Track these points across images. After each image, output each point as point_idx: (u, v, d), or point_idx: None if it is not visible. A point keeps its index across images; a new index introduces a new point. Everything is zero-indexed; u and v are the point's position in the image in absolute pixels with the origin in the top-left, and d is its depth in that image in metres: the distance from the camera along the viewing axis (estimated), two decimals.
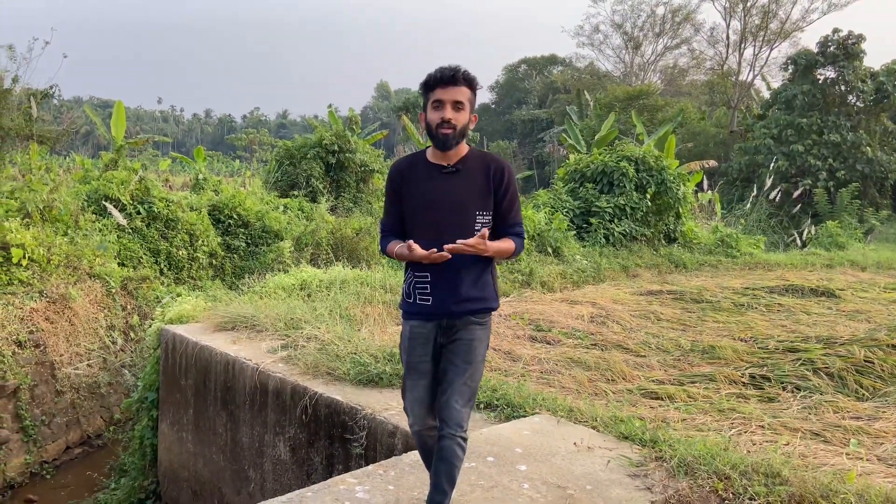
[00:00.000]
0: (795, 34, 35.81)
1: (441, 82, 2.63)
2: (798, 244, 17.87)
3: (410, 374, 2.79)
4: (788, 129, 24.72)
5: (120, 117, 20.70)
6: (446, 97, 2.62)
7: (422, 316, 2.73)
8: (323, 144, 18.46)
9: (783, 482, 3.16)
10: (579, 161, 14.34)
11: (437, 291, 2.68)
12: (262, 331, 6.09)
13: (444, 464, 2.66)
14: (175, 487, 6.34)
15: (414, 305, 2.74)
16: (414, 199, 2.72)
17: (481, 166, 2.73)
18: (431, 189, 2.70)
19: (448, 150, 2.68)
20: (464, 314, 2.70)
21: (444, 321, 2.71)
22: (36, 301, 8.03)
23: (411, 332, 2.77)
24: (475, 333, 2.73)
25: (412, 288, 2.74)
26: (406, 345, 2.80)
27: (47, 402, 7.92)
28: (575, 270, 10.85)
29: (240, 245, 12.89)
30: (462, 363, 2.70)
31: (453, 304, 2.68)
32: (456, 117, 2.63)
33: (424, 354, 2.75)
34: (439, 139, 2.65)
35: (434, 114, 2.64)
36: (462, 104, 2.64)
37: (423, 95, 2.70)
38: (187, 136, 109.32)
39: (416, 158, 2.79)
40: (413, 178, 2.74)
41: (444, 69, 2.65)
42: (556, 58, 62.04)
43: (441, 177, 2.70)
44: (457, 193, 2.69)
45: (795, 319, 8.11)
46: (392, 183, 2.78)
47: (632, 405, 4.92)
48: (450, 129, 2.62)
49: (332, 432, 4.58)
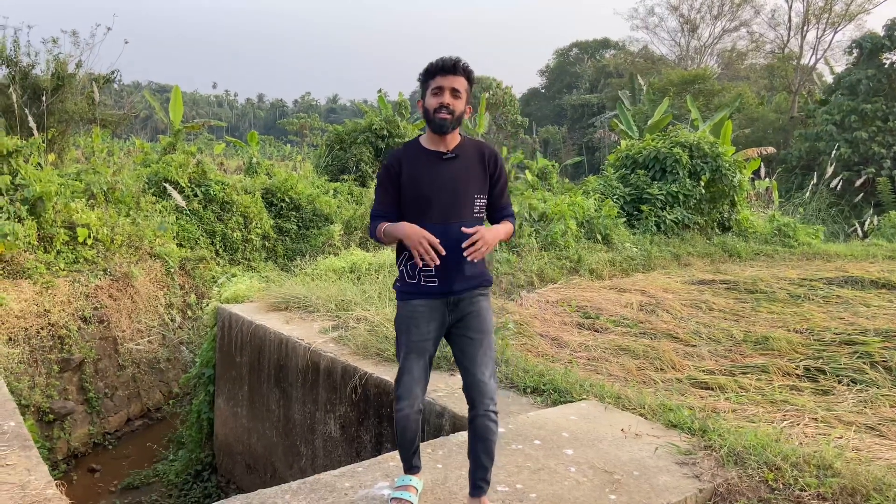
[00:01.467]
0: (861, 16, 34.40)
1: (442, 70, 2.74)
2: (859, 234, 17.27)
3: (410, 355, 2.80)
4: (852, 116, 23.80)
5: (178, 102, 21.26)
6: (446, 84, 2.73)
7: (427, 295, 2.78)
8: (373, 129, 18.63)
9: (835, 474, 3.12)
10: (631, 147, 14.11)
11: (443, 273, 2.74)
12: (313, 311, 6.24)
13: (483, 442, 2.74)
14: (230, 461, 6.58)
15: (418, 286, 2.79)
16: (417, 184, 2.78)
17: (476, 153, 2.85)
18: (435, 174, 2.78)
19: (444, 134, 2.77)
20: (470, 289, 2.81)
21: (452, 298, 2.78)
22: (100, 279, 8.38)
23: (413, 311, 2.79)
24: (482, 304, 2.83)
25: (417, 271, 2.78)
26: (406, 325, 2.81)
27: (110, 375, 8.28)
28: (624, 258, 10.73)
29: (291, 228, 13.16)
30: (477, 334, 2.78)
31: (458, 283, 2.77)
32: (454, 103, 2.73)
33: (427, 333, 2.78)
34: (437, 123, 2.74)
35: (433, 99, 2.74)
36: (459, 92, 2.75)
37: (423, 83, 2.81)
38: (241, 120, 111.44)
39: (412, 147, 2.88)
40: (414, 164, 2.80)
41: (446, 59, 2.76)
42: (608, 41, 60.96)
43: (442, 163, 2.79)
44: (458, 178, 2.79)
45: (854, 311, 7.88)
46: (390, 170, 2.82)
47: (681, 394, 4.88)
48: (448, 115, 2.72)
49: (381, 412, 4.68)
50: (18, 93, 15.69)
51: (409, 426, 2.84)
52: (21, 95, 16.01)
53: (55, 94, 17.52)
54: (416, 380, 2.80)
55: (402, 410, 2.82)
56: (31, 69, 17.39)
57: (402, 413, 2.82)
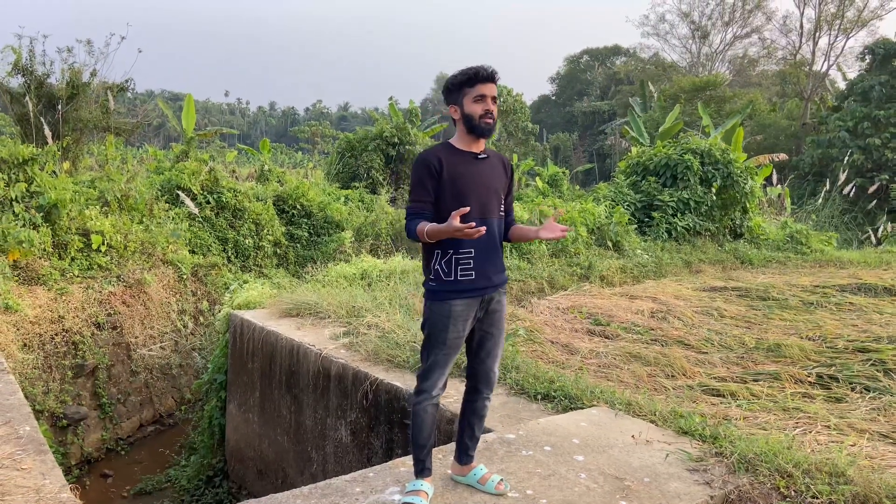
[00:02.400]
0: (873, 22, 34.22)
1: (484, 80, 2.92)
2: (873, 241, 17.13)
3: (447, 351, 2.89)
4: (865, 122, 23.64)
5: (190, 110, 21.43)
6: (487, 92, 2.92)
7: (466, 293, 2.88)
8: (383, 137, 18.71)
9: (847, 482, 3.10)
10: (642, 154, 14.10)
11: (480, 266, 2.90)
12: (324, 318, 6.27)
13: (479, 419, 3.10)
14: (241, 466, 6.60)
15: (456, 283, 2.87)
16: (460, 181, 2.91)
17: (497, 158, 3.10)
18: (474, 172, 2.95)
19: (487, 137, 3.00)
20: (500, 285, 2.99)
21: (485, 295, 2.93)
22: (114, 285, 8.46)
23: (451, 311, 2.87)
24: (502, 301, 3.03)
25: (453, 265, 2.87)
26: (445, 324, 2.87)
27: (123, 381, 8.34)
28: (635, 265, 10.70)
29: (303, 235, 13.23)
30: (497, 332, 3.02)
31: (494, 275, 2.95)
32: (495, 110, 2.96)
33: (463, 330, 2.92)
34: (482, 128, 2.94)
35: (477, 106, 2.91)
36: (496, 99, 2.99)
37: (460, 90, 2.94)
38: (252, 128, 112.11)
39: (447, 147, 3.00)
40: (453, 164, 2.93)
41: (485, 68, 2.93)
42: (619, 48, 60.92)
43: (478, 162, 2.99)
44: (492, 177, 3.02)
45: (867, 319, 7.82)
46: (430, 168, 2.89)
47: (692, 401, 4.87)
48: (491, 120, 2.94)
49: (392, 417, 4.70)
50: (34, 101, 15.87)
51: (427, 421, 2.94)
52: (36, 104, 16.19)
53: (70, 102, 17.71)
54: (443, 375, 2.94)
55: (422, 403, 2.93)
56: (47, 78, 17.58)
57: (420, 406, 2.93)
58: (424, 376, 2.93)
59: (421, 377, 2.94)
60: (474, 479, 3.08)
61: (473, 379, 3.07)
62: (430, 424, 2.95)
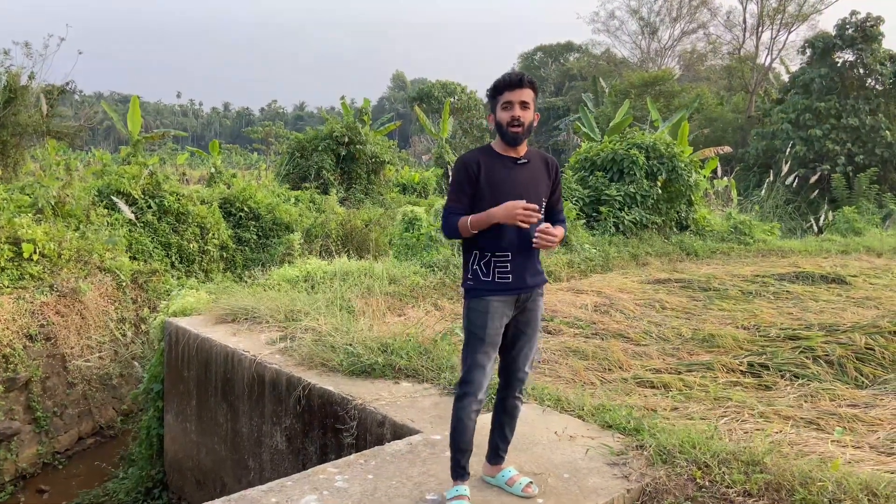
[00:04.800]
0: (813, 17, 35.26)
1: (509, 86, 2.94)
2: (815, 230, 17.63)
3: (485, 348, 2.94)
4: (806, 114, 24.35)
5: (136, 112, 20.88)
6: (514, 98, 2.93)
7: (502, 291, 2.95)
8: (333, 136, 18.54)
9: (762, 470, 3.15)
10: (590, 149, 14.24)
11: (517, 268, 2.95)
12: (261, 322, 6.16)
13: (509, 418, 3.13)
14: (180, 477, 6.46)
15: (493, 283, 2.95)
16: (498, 184, 2.96)
17: (541, 161, 3.12)
18: (513, 176, 2.99)
19: (518, 145, 3.00)
20: (535, 286, 3.03)
21: (521, 294, 2.98)
22: (46, 295, 8.19)
23: (488, 306, 2.93)
24: (539, 303, 3.08)
25: (491, 267, 2.96)
26: (483, 320, 2.94)
27: (59, 394, 8.08)
28: (583, 259, 10.79)
29: (251, 237, 13.02)
30: (531, 332, 3.07)
31: (529, 277, 2.99)
32: (524, 115, 2.94)
33: (500, 327, 2.97)
34: (510, 136, 2.96)
35: (504, 113, 2.94)
36: (528, 104, 2.96)
37: (492, 99, 3.01)
38: (206, 129, 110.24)
39: (487, 151, 3.05)
40: (492, 167, 2.99)
41: (512, 74, 2.97)
42: (572, 45, 61.55)
43: (517, 167, 3.01)
44: (531, 181, 3.03)
45: (803, 307, 8.03)
46: (468, 170, 2.98)
47: (625, 394, 4.91)
48: (519, 127, 2.94)
49: (326, 422, 4.63)
50: None
51: (470, 426, 2.97)
52: None
53: (7, 106, 17.14)
54: (486, 375, 2.95)
55: (467, 408, 2.94)
56: None
57: (465, 412, 2.94)
58: (467, 377, 2.95)
59: (464, 379, 2.96)
60: (503, 480, 3.10)
61: (504, 376, 3.12)
62: (473, 429, 2.98)
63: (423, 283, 8.03)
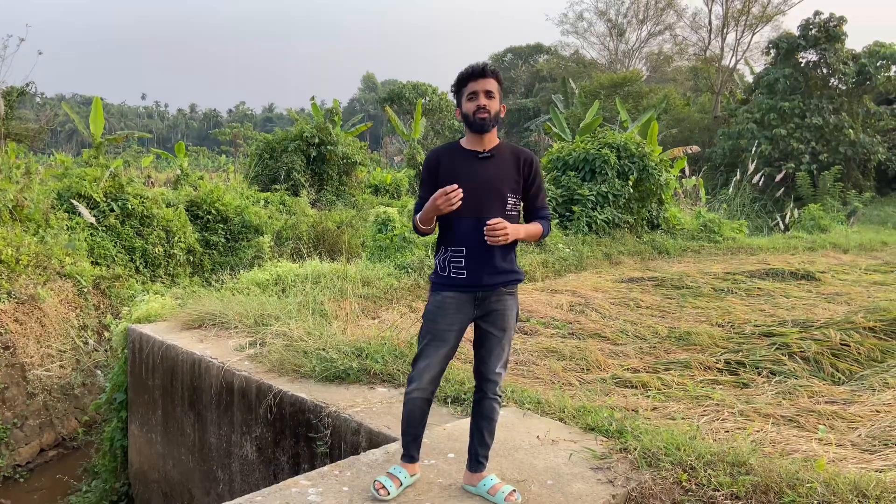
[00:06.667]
0: (777, 18, 35.80)
1: (473, 76, 2.91)
2: (781, 228, 17.87)
3: (432, 342, 2.93)
4: (771, 114, 24.71)
5: (98, 114, 20.33)
6: (479, 88, 2.89)
7: (456, 288, 2.91)
8: (303, 137, 18.28)
9: (749, 471, 3.08)
10: (561, 149, 14.22)
11: (471, 265, 2.88)
12: (229, 328, 5.96)
13: (487, 421, 3.01)
14: (146, 489, 6.22)
15: (448, 278, 2.92)
16: (455, 178, 2.90)
17: (512, 155, 3.00)
18: (470, 171, 2.92)
19: (485, 133, 2.93)
20: (497, 286, 2.92)
21: (479, 293, 2.90)
22: (4, 302, 7.87)
23: (442, 301, 2.92)
24: (507, 303, 2.97)
25: (447, 262, 2.93)
26: (434, 315, 2.94)
27: (19, 404, 7.77)
28: (557, 259, 10.75)
29: (219, 241, 12.75)
30: (498, 331, 2.95)
31: (487, 276, 2.89)
32: (489, 104, 2.89)
33: (452, 323, 2.91)
34: (477, 123, 2.90)
35: (470, 104, 2.90)
36: (492, 93, 2.91)
37: (457, 93, 2.98)
38: (173, 131, 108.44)
39: (452, 146, 3.04)
40: (451, 162, 2.97)
41: (475, 65, 2.94)
42: (541, 46, 61.81)
43: (478, 161, 2.95)
44: (492, 176, 2.93)
45: (774, 303, 8.06)
46: (429, 166, 3.00)
47: (605, 395, 4.83)
48: (486, 114, 2.88)
49: (298, 431, 4.47)
50: None
51: (413, 411, 2.97)
52: None
53: None
54: (429, 366, 2.93)
55: (410, 394, 2.97)
56: None
57: (408, 396, 2.98)
58: (414, 363, 2.99)
59: (413, 364, 3.00)
60: (484, 489, 2.96)
61: (476, 377, 3.06)
62: (419, 417, 2.99)
63: (397, 285, 7.89)
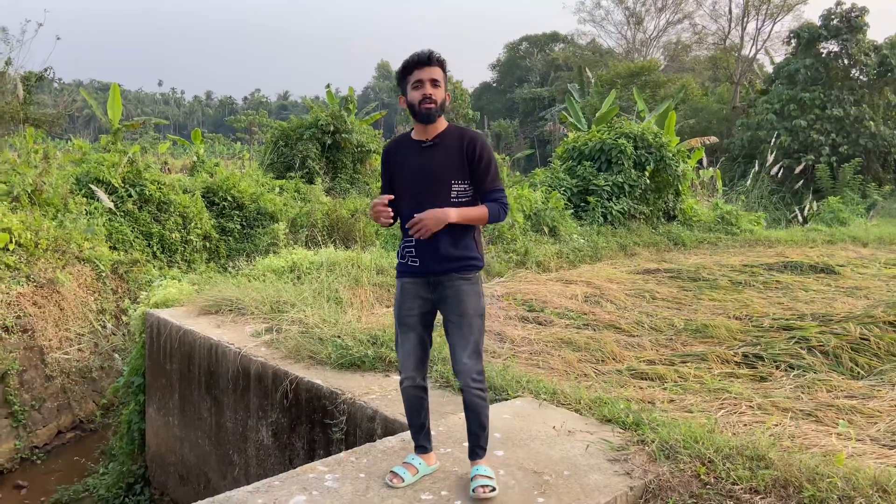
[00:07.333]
0: (798, 7, 35.34)
1: (419, 64, 2.89)
2: (800, 220, 17.68)
3: (399, 328, 3.04)
4: (791, 104, 24.40)
5: (116, 100, 20.44)
6: (425, 76, 2.88)
7: (411, 274, 3.00)
8: (318, 125, 18.25)
9: (768, 465, 3.06)
10: (577, 139, 14.12)
11: (422, 254, 2.94)
12: (246, 314, 5.99)
13: (470, 412, 2.98)
14: (163, 472, 6.29)
15: (405, 266, 3.02)
16: (399, 172, 3.00)
17: (457, 139, 2.96)
18: (413, 162, 2.97)
19: (431, 122, 2.92)
20: (447, 272, 2.94)
21: (431, 278, 2.95)
22: (23, 286, 7.95)
23: (402, 288, 3.03)
24: (461, 288, 2.95)
25: (404, 251, 3.02)
26: (397, 301, 3.06)
27: (37, 387, 7.86)
28: (571, 250, 10.71)
29: (234, 227, 12.78)
30: (455, 317, 2.94)
31: (435, 263, 2.93)
32: (435, 93, 2.89)
33: (412, 309, 2.99)
34: (423, 114, 2.89)
35: (415, 93, 2.89)
36: (438, 82, 2.91)
37: (402, 81, 2.96)
38: (188, 118, 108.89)
39: (402, 139, 3.09)
40: (398, 155, 3.04)
41: (420, 53, 2.91)
42: (557, 35, 61.34)
43: (421, 150, 2.96)
44: (434, 165, 2.93)
45: (793, 297, 7.98)
46: (383, 159, 3.11)
47: (620, 386, 4.81)
48: (431, 104, 2.88)
49: (313, 417, 4.49)
50: None
51: (409, 399, 3.04)
52: None
53: None
54: (407, 354, 3.01)
55: (401, 384, 3.06)
56: None
57: (401, 387, 3.06)
58: (398, 355, 3.09)
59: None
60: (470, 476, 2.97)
61: (453, 368, 3.04)
62: (415, 407, 3.03)
63: None
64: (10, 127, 19.17)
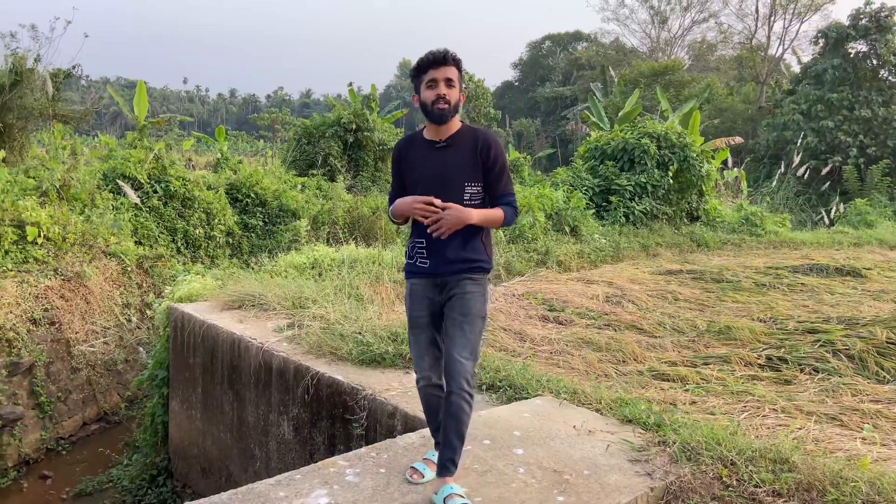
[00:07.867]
0: (826, 7, 34.74)
1: (434, 63, 2.84)
2: (826, 222, 17.43)
3: (412, 329, 3.02)
4: (818, 105, 24.02)
5: (142, 97, 20.74)
6: (439, 76, 2.83)
7: (420, 275, 2.97)
8: (341, 123, 18.36)
9: (791, 469, 3.02)
10: (600, 138, 14.05)
11: (432, 255, 2.91)
12: (268, 309, 6.05)
13: (452, 419, 2.81)
14: (185, 465, 6.37)
15: (415, 267, 2.99)
16: (412, 172, 2.97)
17: (470, 141, 2.92)
18: (426, 162, 2.93)
19: (444, 123, 2.87)
20: (457, 273, 2.92)
21: (439, 279, 2.93)
22: (50, 279, 8.09)
23: (412, 289, 3.02)
24: (468, 288, 2.92)
25: (414, 251, 2.99)
26: (407, 302, 3.05)
27: (63, 378, 8.00)
28: (593, 249, 10.65)
29: (257, 224, 12.89)
30: (459, 316, 2.89)
31: (445, 265, 2.90)
32: (449, 93, 2.84)
33: (422, 309, 2.97)
34: (436, 114, 2.85)
35: (429, 92, 2.85)
36: (453, 82, 2.86)
37: (416, 79, 2.92)
38: (213, 115, 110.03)
39: (414, 137, 3.04)
40: (410, 153, 2.99)
41: (435, 52, 2.86)
42: (580, 34, 61.01)
43: (434, 151, 2.92)
44: (446, 166, 2.89)
45: (818, 300, 7.87)
46: (393, 159, 3.08)
47: (641, 387, 4.79)
48: (445, 105, 2.83)
49: (334, 412, 4.52)
50: None
51: (426, 399, 3.02)
52: None
53: (13, 89, 16.99)
54: (421, 354, 2.99)
55: (417, 384, 3.05)
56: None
57: (417, 385, 3.05)
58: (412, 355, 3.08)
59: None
60: (439, 498, 2.73)
61: (444, 370, 2.89)
62: (432, 405, 3.00)
63: None
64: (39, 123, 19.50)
